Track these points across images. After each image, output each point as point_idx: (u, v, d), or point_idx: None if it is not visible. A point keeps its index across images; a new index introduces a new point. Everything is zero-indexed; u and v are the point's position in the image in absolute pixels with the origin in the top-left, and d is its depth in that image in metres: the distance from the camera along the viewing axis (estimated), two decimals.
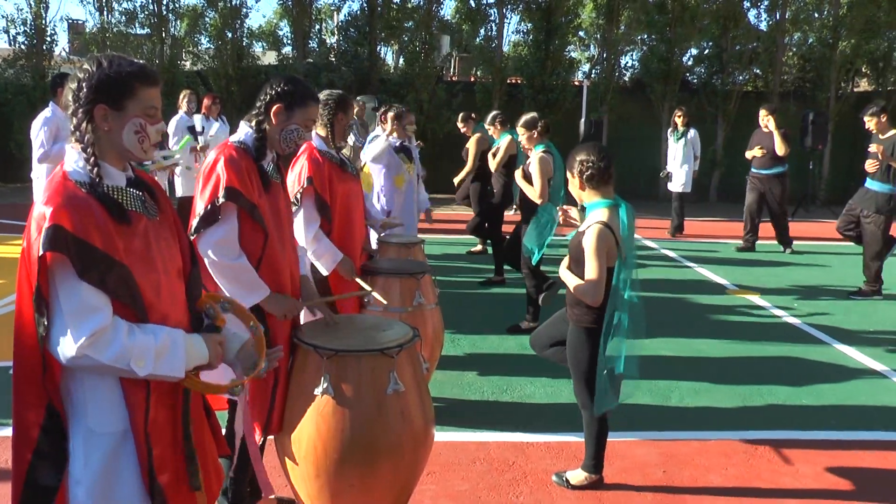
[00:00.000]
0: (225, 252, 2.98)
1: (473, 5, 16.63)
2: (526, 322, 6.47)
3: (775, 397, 5.14)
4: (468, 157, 9.41)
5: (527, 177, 6.25)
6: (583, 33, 18.79)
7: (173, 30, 16.37)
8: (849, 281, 8.49)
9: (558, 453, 4.24)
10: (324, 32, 17.61)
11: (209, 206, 2.97)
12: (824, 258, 10.15)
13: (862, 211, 7.84)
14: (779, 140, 9.82)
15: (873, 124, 7.76)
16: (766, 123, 10.04)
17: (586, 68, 18.66)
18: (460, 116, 10.02)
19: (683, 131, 11.26)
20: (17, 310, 2.00)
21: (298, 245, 3.43)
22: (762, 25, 17.25)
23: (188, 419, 2.19)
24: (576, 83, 16.95)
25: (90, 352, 1.91)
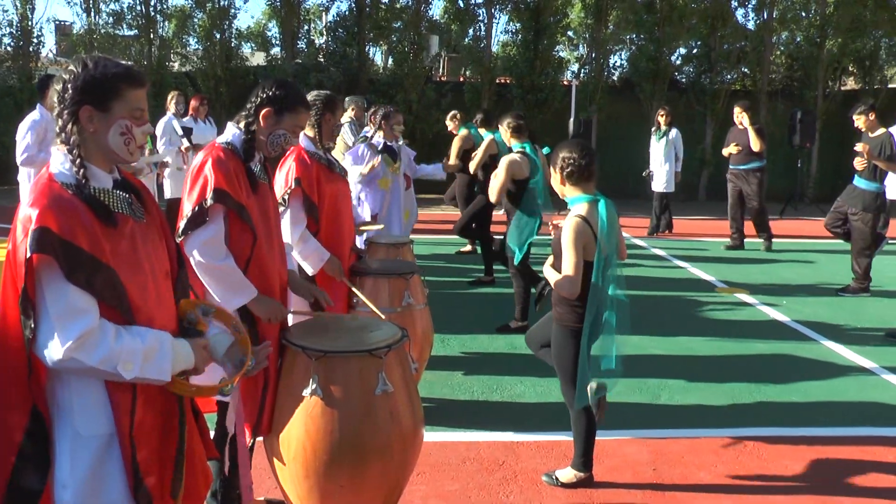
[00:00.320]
0: (211, 253, 2.97)
1: (462, 5, 16.63)
2: (515, 322, 6.48)
3: (764, 394, 5.17)
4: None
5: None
6: (571, 33, 18.83)
7: (161, 31, 16.30)
8: (837, 278, 8.53)
9: (548, 452, 4.24)
10: (312, 33, 17.60)
11: (197, 208, 2.96)
12: (813, 256, 10.19)
13: (850, 209, 7.89)
14: (753, 136, 9.95)
15: (862, 122, 7.80)
16: (740, 120, 10.24)
17: (575, 68, 18.70)
18: (448, 115, 10.03)
19: (665, 130, 11.30)
20: (1, 312, 1.99)
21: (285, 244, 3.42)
22: (750, 25, 17.40)
23: (184, 427, 2.18)
24: (565, 83, 16.97)
25: (77, 354, 1.91)
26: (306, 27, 17.31)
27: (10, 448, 1.98)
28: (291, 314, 3.31)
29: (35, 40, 15.66)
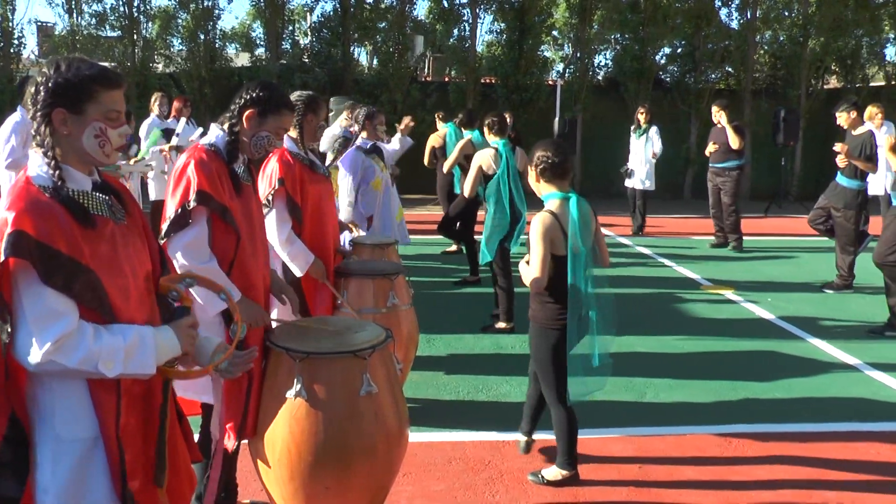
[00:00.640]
0: (194, 255, 2.96)
1: (446, 5, 16.64)
2: (501, 322, 6.48)
3: (749, 391, 5.19)
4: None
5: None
6: (556, 33, 18.80)
7: (145, 32, 16.21)
8: (821, 276, 8.59)
9: (534, 451, 4.24)
10: (297, 33, 17.50)
11: (180, 210, 2.95)
12: (797, 253, 10.27)
13: (833, 206, 7.94)
14: (731, 133, 10.02)
15: (844, 120, 7.85)
16: (718, 119, 10.31)
17: (560, 68, 18.70)
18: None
19: (645, 128, 11.35)
20: None
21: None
22: (734, 24, 17.47)
23: (165, 416, 2.17)
24: (550, 82, 17.00)
25: (56, 357, 1.89)
26: (291, 28, 17.25)
27: None
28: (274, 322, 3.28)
29: (16, 41, 15.50)
